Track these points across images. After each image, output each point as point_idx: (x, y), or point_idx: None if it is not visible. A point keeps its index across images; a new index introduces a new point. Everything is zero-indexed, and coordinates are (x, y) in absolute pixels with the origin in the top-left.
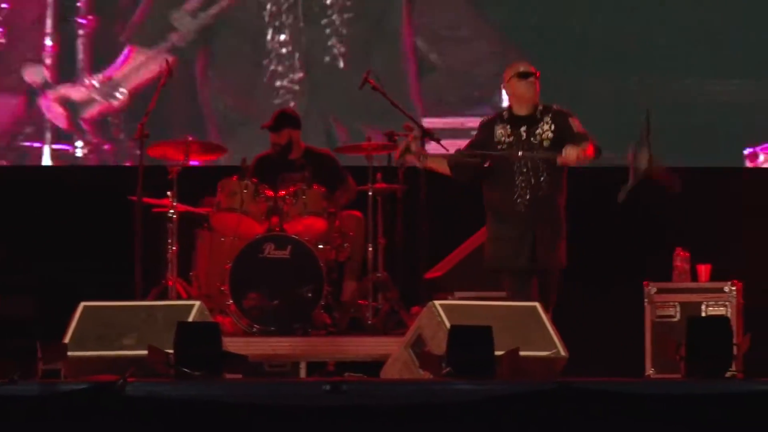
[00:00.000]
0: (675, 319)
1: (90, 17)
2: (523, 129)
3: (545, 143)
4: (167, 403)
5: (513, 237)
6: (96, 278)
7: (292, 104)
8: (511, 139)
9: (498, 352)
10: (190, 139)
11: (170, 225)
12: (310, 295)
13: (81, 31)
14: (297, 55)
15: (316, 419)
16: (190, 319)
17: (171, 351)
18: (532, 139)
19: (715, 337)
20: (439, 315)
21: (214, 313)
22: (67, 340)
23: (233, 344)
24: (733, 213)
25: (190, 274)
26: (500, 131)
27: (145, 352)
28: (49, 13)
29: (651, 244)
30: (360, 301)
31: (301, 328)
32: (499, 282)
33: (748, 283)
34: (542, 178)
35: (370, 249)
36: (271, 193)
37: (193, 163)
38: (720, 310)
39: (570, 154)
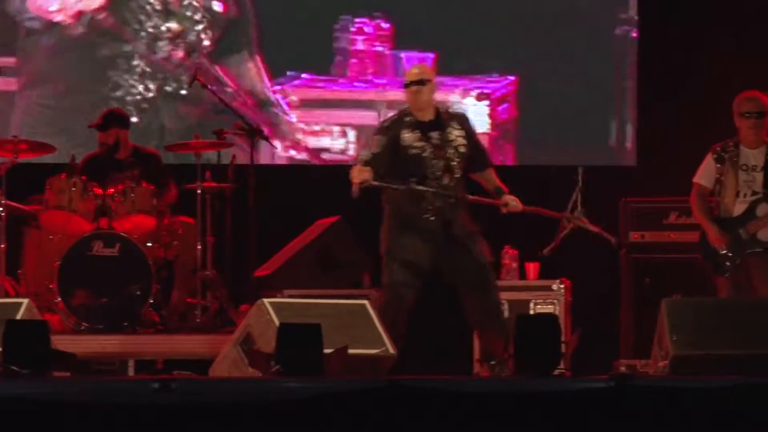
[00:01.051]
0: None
1: None
2: (434, 134)
3: (461, 149)
4: None
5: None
6: None
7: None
8: (423, 144)
9: (327, 350)
10: (17, 137)
11: None
12: (138, 293)
13: None
14: None
15: (145, 417)
16: (18, 317)
17: None
18: (447, 146)
19: (543, 335)
20: (268, 313)
21: (42, 311)
22: None
23: (61, 342)
24: (562, 210)
25: (18, 272)
26: (407, 136)
27: None
28: None
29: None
30: (189, 300)
31: (129, 326)
32: (326, 280)
33: (576, 281)
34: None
35: (199, 247)
36: (99, 191)
37: (21, 160)
38: (548, 308)
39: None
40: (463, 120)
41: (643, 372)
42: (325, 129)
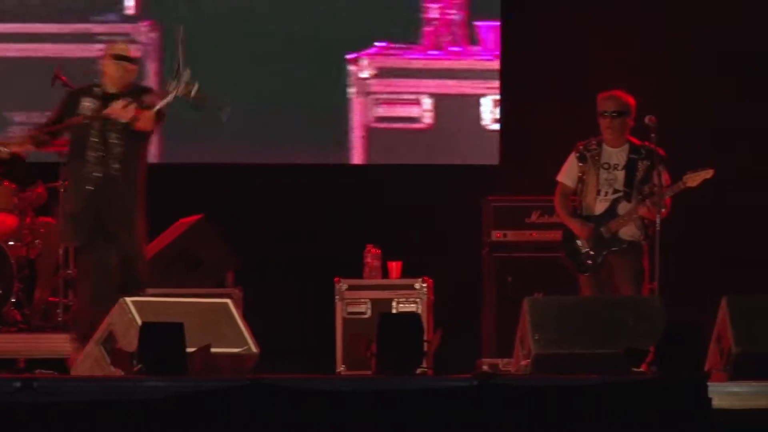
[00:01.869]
0: (366, 316)
1: None
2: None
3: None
4: None
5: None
6: None
7: None
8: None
9: (190, 349)
10: None
11: None
12: (0, 291)
13: None
14: None
15: (7, 417)
16: None
17: None
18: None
19: (405, 333)
20: (131, 312)
21: None
22: None
23: None
24: (424, 209)
25: None
26: (87, 104)
27: None
28: None
29: (342, 241)
30: (51, 299)
31: None
32: (189, 279)
33: (438, 280)
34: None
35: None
36: None
37: None
38: (410, 307)
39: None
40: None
41: (505, 371)
42: (401, 98)
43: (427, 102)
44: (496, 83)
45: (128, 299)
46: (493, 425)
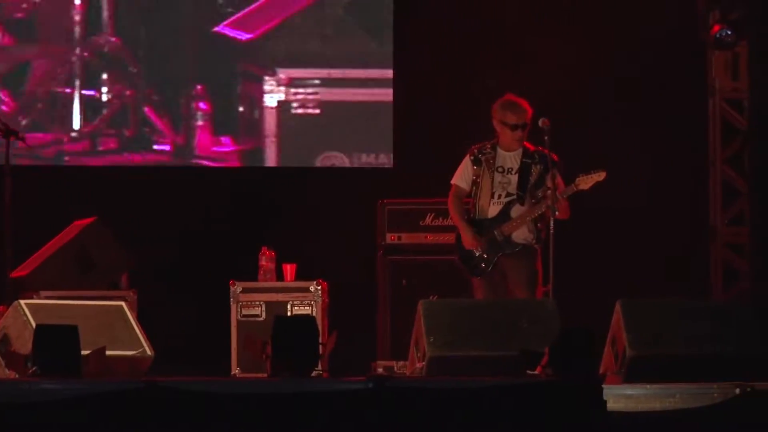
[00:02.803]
0: (261, 319)
1: None
2: None
3: None
4: None
5: None
6: None
7: None
8: None
9: (85, 352)
10: None
11: None
12: None
13: None
14: None
15: None
16: None
17: None
18: None
19: (300, 336)
20: (25, 314)
21: None
22: None
23: None
24: (319, 212)
25: None
26: None
27: None
28: None
29: (238, 244)
30: None
31: None
32: (84, 281)
33: (332, 283)
34: None
35: None
36: None
37: None
38: (306, 310)
39: None
40: None
41: (400, 373)
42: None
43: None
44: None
45: (23, 302)
46: (388, 428)
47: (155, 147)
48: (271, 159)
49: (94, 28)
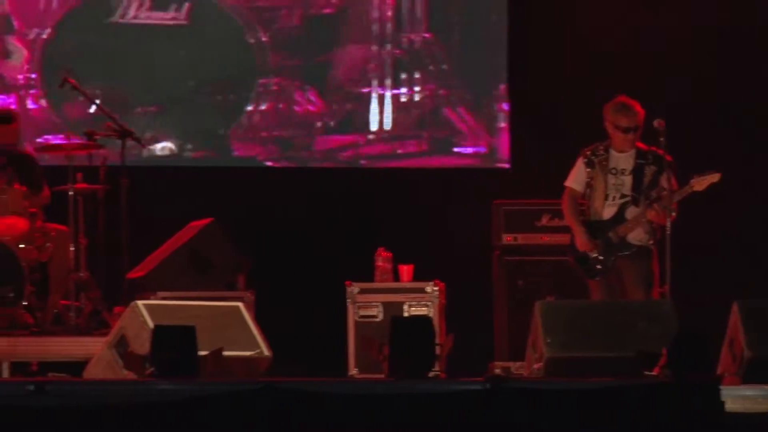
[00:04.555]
0: (378, 319)
1: None
2: None
3: None
4: None
5: None
6: None
7: None
8: None
9: (202, 352)
10: None
11: None
12: (11, 294)
13: None
14: None
15: (20, 420)
16: None
17: None
18: None
19: (417, 337)
20: (142, 315)
21: None
22: None
23: None
24: (435, 213)
25: None
26: None
27: None
28: None
29: (353, 244)
30: (62, 302)
31: (3, 328)
32: (200, 282)
33: (449, 284)
34: None
35: (72, 249)
36: None
37: None
38: (422, 310)
39: None
40: None
41: (517, 374)
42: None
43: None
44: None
45: (140, 302)
46: (505, 429)
47: (456, 150)
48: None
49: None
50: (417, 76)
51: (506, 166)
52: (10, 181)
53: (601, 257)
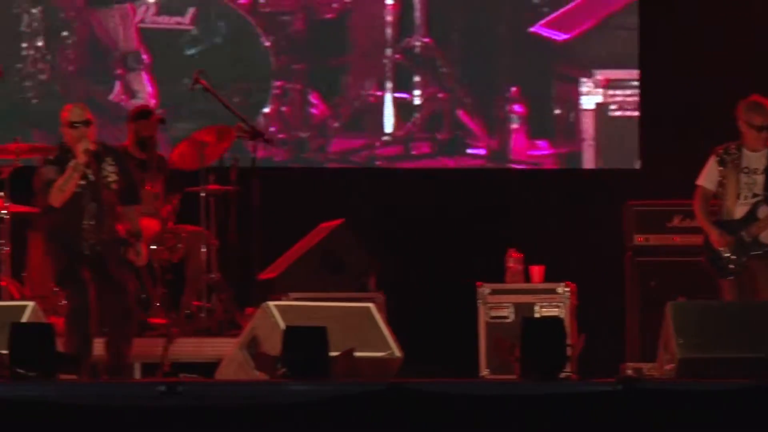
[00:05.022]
0: (509, 320)
1: None
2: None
3: (111, 186)
4: (1, 404)
5: None
6: None
7: None
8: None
9: (333, 353)
10: (19, 139)
11: (2, 225)
12: (144, 296)
13: None
14: None
15: (152, 420)
16: (24, 320)
17: (4, 352)
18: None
19: (549, 338)
20: (274, 316)
21: (47, 314)
22: None
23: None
24: (566, 214)
25: (23, 274)
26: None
27: None
28: None
29: (483, 245)
30: (195, 303)
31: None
32: (331, 283)
33: (580, 284)
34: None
35: (204, 250)
36: None
37: (24, 162)
38: (553, 311)
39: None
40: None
41: (649, 375)
42: None
43: None
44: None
45: (271, 303)
46: (637, 429)
47: (469, 151)
48: (588, 162)
49: (406, 29)
50: (424, 78)
51: (520, 167)
52: (143, 182)
53: (733, 257)
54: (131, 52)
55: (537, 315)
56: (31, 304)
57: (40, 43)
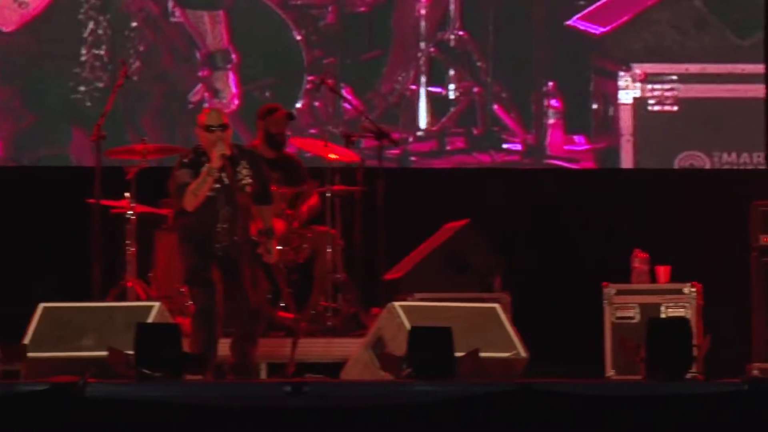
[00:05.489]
0: (634, 321)
1: None
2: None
3: (245, 189)
4: (127, 405)
5: None
6: (55, 279)
7: None
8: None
9: (458, 353)
10: (146, 139)
11: (128, 226)
12: (269, 296)
13: None
14: None
15: (277, 420)
16: (150, 320)
17: (131, 352)
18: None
19: (675, 338)
20: (399, 316)
21: (173, 314)
22: (26, 340)
23: None
24: (693, 214)
25: (149, 275)
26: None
27: (104, 353)
28: None
29: (610, 245)
30: (322, 303)
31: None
32: (457, 283)
33: (706, 285)
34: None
35: (329, 251)
36: None
37: (150, 163)
38: (679, 312)
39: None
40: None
41: None
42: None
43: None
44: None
45: (397, 304)
46: (763, 430)
47: (505, 146)
48: (627, 158)
49: (440, 22)
50: (458, 72)
51: (557, 163)
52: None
53: None
54: (220, 50)
55: (663, 315)
56: (157, 304)
57: (101, 51)
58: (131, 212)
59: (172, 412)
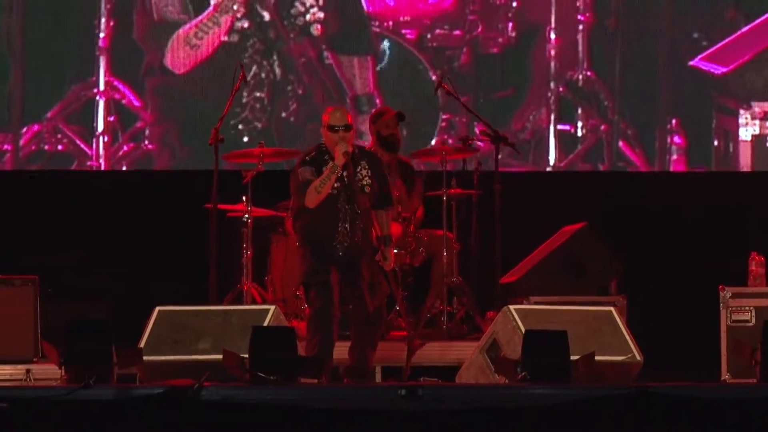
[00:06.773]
0: (750, 324)
1: None
2: (344, 173)
3: (365, 189)
4: (243, 408)
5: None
6: (172, 283)
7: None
8: (338, 185)
9: (573, 357)
10: (263, 143)
11: (245, 230)
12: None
13: None
14: None
15: (392, 423)
16: (266, 323)
17: (246, 355)
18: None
19: None
20: (515, 319)
21: (289, 318)
22: (142, 344)
23: None
24: None
25: (265, 278)
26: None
27: (220, 356)
28: None
29: (727, 248)
30: (438, 306)
31: None
32: (573, 286)
33: None
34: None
35: (445, 254)
36: None
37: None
38: None
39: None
40: (373, 160)
41: None
42: None
43: None
44: None
45: (512, 307)
46: None
47: None
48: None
49: (570, 63)
50: (585, 111)
51: None
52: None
53: None
54: (366, 94)
55: None
56: (272, 307)
57: (262, 94)
58: (247, 216)
59: (287, 415)
